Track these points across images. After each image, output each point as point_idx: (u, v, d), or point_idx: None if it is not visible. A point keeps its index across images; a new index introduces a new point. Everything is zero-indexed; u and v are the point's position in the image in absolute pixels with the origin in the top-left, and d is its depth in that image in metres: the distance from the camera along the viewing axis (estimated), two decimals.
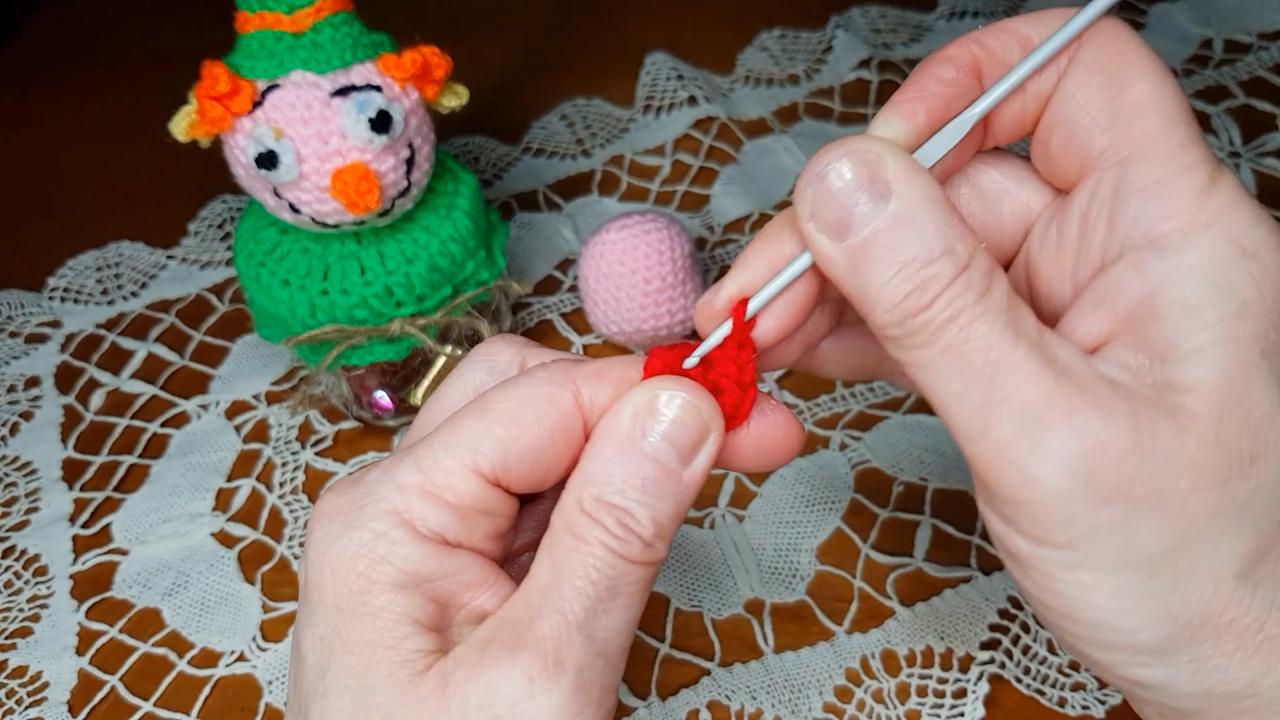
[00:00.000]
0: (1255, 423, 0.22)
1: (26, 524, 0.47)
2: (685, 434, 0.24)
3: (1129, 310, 0.23)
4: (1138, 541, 0.22)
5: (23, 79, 0.71)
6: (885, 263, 0.22)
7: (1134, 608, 0.22)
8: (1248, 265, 0.22)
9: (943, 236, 0.22)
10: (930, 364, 0.23)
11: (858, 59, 0.65)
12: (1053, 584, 0.23)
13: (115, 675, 0.42)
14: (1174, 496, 0.22)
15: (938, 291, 0.22)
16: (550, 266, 0.56)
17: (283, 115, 0.39)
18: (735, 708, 0.39)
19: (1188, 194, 0.22)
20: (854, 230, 0.23)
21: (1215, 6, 0.67)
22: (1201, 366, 0.22)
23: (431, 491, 0.24)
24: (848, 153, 0.23)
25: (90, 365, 0.53)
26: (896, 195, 0.22)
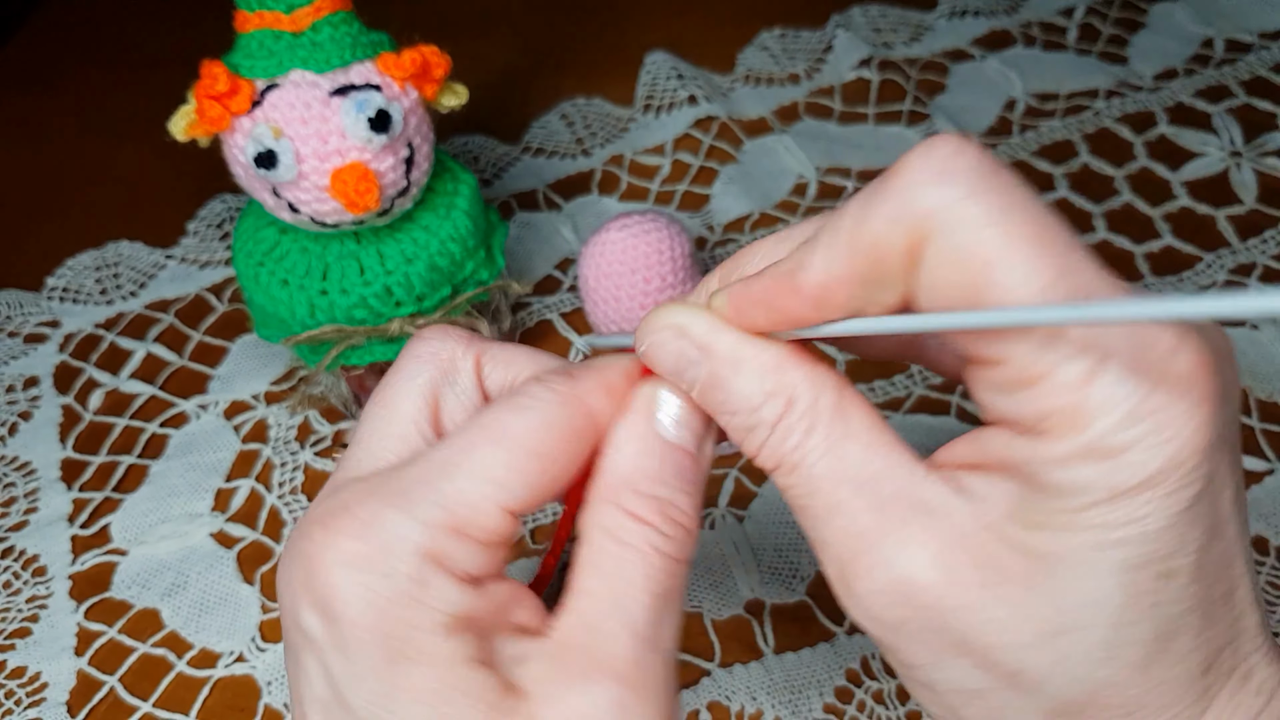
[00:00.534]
0: (1068, 604, 0.21)
1: (25, 524, 0.47)
2: (696, 416, 0.25)
3: (996, 463, 0.22)
4: (950, 678, 0.22)
5: (22, 79, 0.71)
6: (719, 413, 0.24)
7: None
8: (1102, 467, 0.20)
9: (759, 385, 0.23)
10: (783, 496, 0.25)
11: (858, 58, 0.65)
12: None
13: (114, 676, 0.42)
14: (976, 650, 0.22)
15: (762, 441, 0.24)
16: (550, 266, 0.56)
17: (282, 115, 0.39)
18: (735, 708, 0.39)
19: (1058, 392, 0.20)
20: (688, 386, 0.25)
21: (1216, 6, 0.67)
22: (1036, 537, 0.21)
23: (460, 530, 0.23)
24: (661, 324, 0.25)
25: (89, 365, 0.53)
26: (708, 355, 0.24)
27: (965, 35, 0.67)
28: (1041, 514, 0.21)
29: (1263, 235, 0.54)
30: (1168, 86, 0.62)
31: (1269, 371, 0.49)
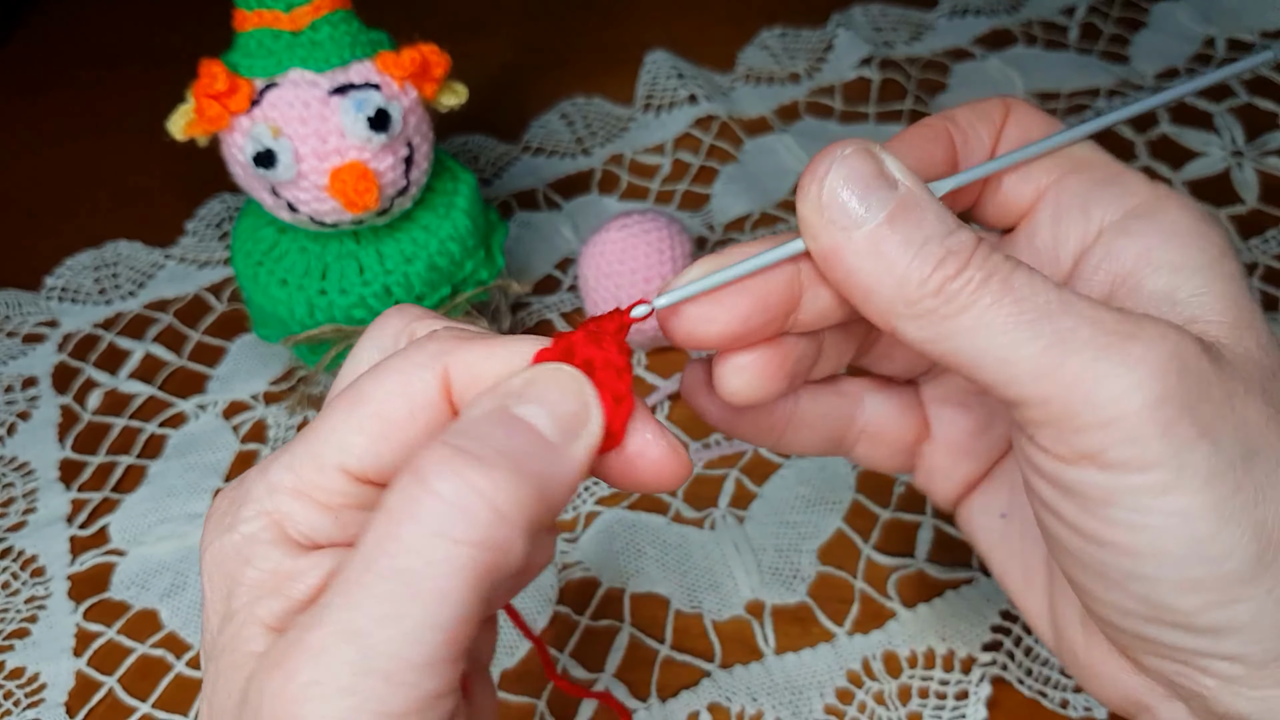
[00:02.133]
0: (1266, 341, 0.24)
1: (24, 525, 0.47)
2: (564, 403, 0.22)
3: (1126, 269, 0.25)
4: (1223, 449, 0.22)
5: (21, 79, 0.71)
6: (909, 240, 0.23)
7: (1224, 527, 0.22)
8: (1211, 223, 0.25)
9: (950, 218, 0.24)
10: (977, 325, 0.23)
11: (859, 57, 0.65)
12: (1140, 518, 0.22)
13: (113, 676, 0.42)
14: (1239, 401, 0.23)
15: (968, 256, 0.23)
16: (550, 266, 0.56)
17: (281, 114, 0.39)
18: (736, 709, 0.39)
19: (1139, 181, 0.26)
20: (871, 215, 0.23)
21: (1217, 5, 0.67)
22: (1207, 300, 0.24)
23: (302, 491, 0.23)
24: (851, 149, 0.24)
25: (88, 365, 0.53)
26: (902, 183, 0.23)
27: (966, 34, 0.67)
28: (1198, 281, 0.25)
29: (1265, 235, 0.54)
30: (1169, 86, 0.62)
31: None
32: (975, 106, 0.28)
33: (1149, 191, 0.26)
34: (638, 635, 0.41)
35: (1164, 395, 0.22)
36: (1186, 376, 0.22)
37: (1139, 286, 0.25)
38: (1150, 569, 0.23)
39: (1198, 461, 0.22)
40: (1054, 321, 0.22)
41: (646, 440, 0.24)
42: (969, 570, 0.42)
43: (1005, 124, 0.28)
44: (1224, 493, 0.22)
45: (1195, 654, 0.23)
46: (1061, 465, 0.23)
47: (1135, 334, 0.22)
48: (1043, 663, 0.39)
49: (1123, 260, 0.25)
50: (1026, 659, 0.39)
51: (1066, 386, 0.22)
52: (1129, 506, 0.22)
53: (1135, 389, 0.22)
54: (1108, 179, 0.26)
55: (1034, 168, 0.27)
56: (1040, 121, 0.28)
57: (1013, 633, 0.40)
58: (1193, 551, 0.22)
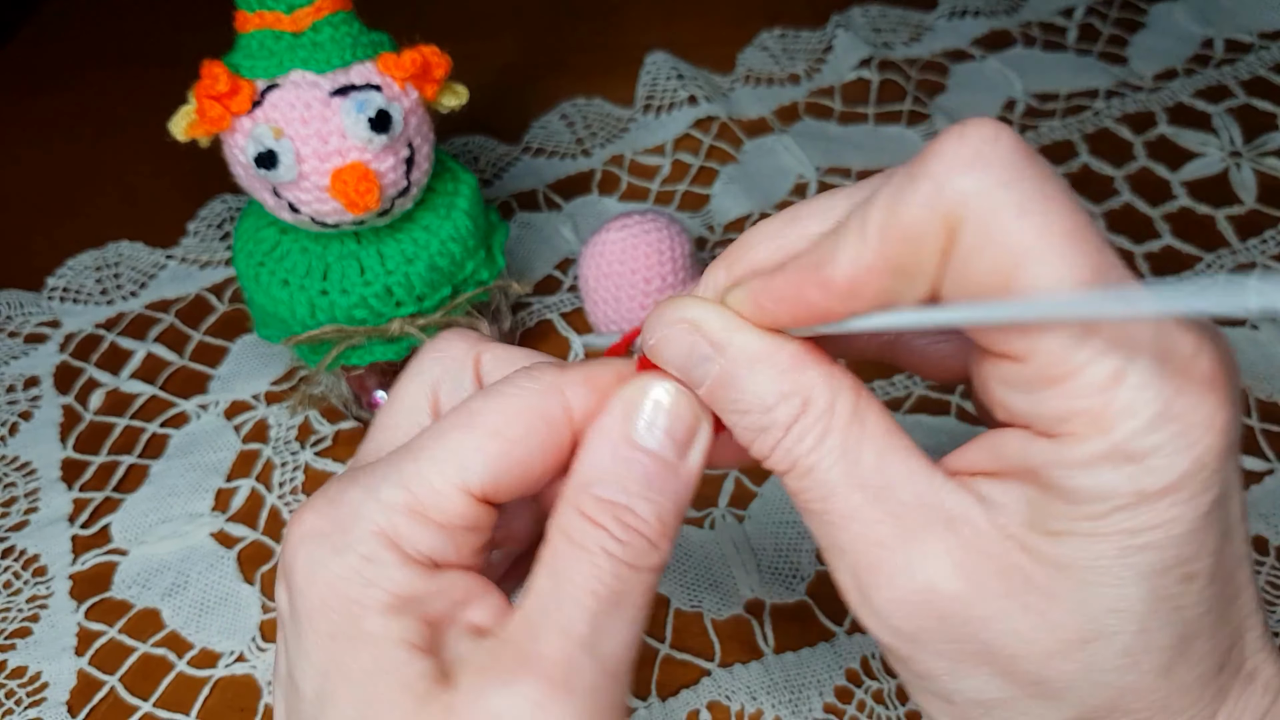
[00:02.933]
0: (1092, 612, 0.20)
1: (26, 524, 0.47)
2: (679, 424, 0.24)
3: (1013, 468, 0.22)
4: (967, 689, 0.22)
5: (22, 79, 0.71)
6: (728, 412, 0.24)
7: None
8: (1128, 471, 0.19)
9: (775, 385, 0.23)
10: (792, 499, 0.24)
11: (858, 58, 0.65)
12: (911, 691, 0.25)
13: (115, 676, 0.42)
14: (999, 660, 0.21)
15: (775, 442, 0.23)
16: (550, 266, 0.56)
17: (282, 115, 0.39)
18: (735, 708, 0.39)
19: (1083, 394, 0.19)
20: (697, 383, 0.24)
21: (1216, 5, 0.67)
22: (1057, 547, 0.20)
23: (419, 511, 0.23)
24: (674, 318, 0.24)
25: (89, 365, 0.53)
26: (721, 352, 0.23)
27: (965, 35, 0.67)
28: (1064, 521, 0.20)
29: (1262, 235, 0.54)
30: (1167, 86, 0.62)
31: (1269, 371, 0.49)
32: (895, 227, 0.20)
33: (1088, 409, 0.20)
34: None
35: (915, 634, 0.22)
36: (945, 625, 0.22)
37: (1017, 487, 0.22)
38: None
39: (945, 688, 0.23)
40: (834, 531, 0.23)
41: None
42: None
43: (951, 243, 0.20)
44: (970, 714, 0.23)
45: None
46: None
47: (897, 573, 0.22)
48: None
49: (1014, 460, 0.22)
50: None
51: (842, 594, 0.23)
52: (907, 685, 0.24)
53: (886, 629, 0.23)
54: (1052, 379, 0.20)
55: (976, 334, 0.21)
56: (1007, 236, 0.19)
57: None
58: None
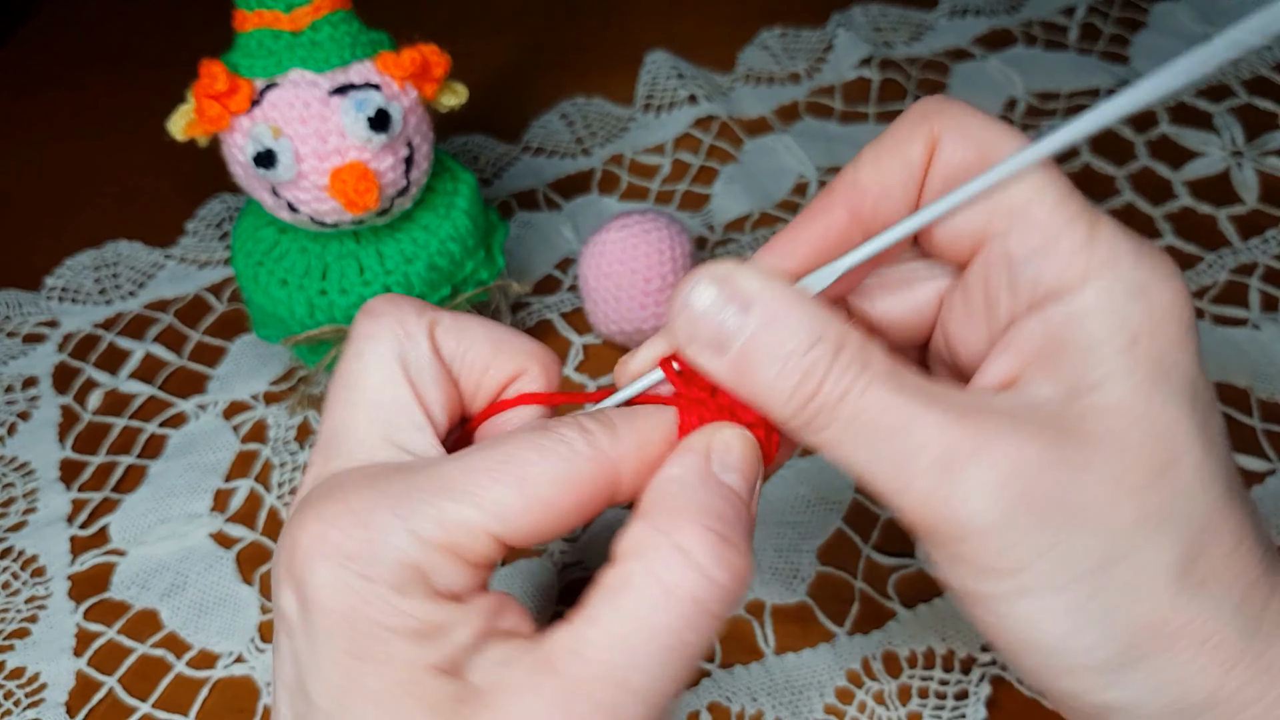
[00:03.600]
0: (1161, 434, 0.23)
1: (24, 524, 0.47)
2: (751, 468, 0.25)
3: (1036, 351, 0.24)
4: (1074, 558, 0.22)
5: (21, 79, 0.71)
6: (767, 362, 0.24)
7: (1084, 627, 0.23)
8: (1136, 301, 0.23)
9: (811, 327, 0.24)
10: (837, 441, 0.24)
11: (859, 57, 0.65)
12: (1004, 618, 0.24)
13: (113, 676, 0.42)
14: (1096, 510, 0.22)
15: (823, 374, 0.23)
16: (550, 266, 0.56)
17: (281, 114, 0.39)
18: (736, 709, 0.39)
19: (1072, 250, 0.24)
20: (731, 342, 0.24)
21: (1217, 5, 0.67)
22: (1104, 392, 0.23)
23: (452, 550, 0.23)
24: (705, 276, 0.24)
25: (88, 365, 0.53)
26: (758, 302, 0.24)
27: (966, 34, 0.67)
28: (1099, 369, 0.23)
29: (1264, 235, 0.54)
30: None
31: (1270, 372, 0.49)
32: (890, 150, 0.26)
33: (1078, 267, 0.24)
34: None
35: (1005, 516, 0.22)
36: (1030, 495, 0.22)
37: (1046, 370, 0.24)
38: (1026, 658, 0.24)
39: (1048, 571, 0.23)
40: (897, 445, 0.23)
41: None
42: None
43: (932, 155, 0.26)
44: (1080, 597, 0.23)
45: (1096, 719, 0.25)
46: (941, 564, 0.24)
47: (978, 453, 0.22)
48: None
49: (1033, 342, 0.24)
50: None
51: (916, 506, 0.23)
52: (995, 609, 0.24)
53: (978, 512, 0.22)
54: (1038, 248, 0.24)
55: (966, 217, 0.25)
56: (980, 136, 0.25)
57: None
58: (1057, 646, 0.23)
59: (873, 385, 0.23)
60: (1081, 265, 0.24)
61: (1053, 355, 0.24)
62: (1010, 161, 0.24)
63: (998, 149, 0.25)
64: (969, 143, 0.25)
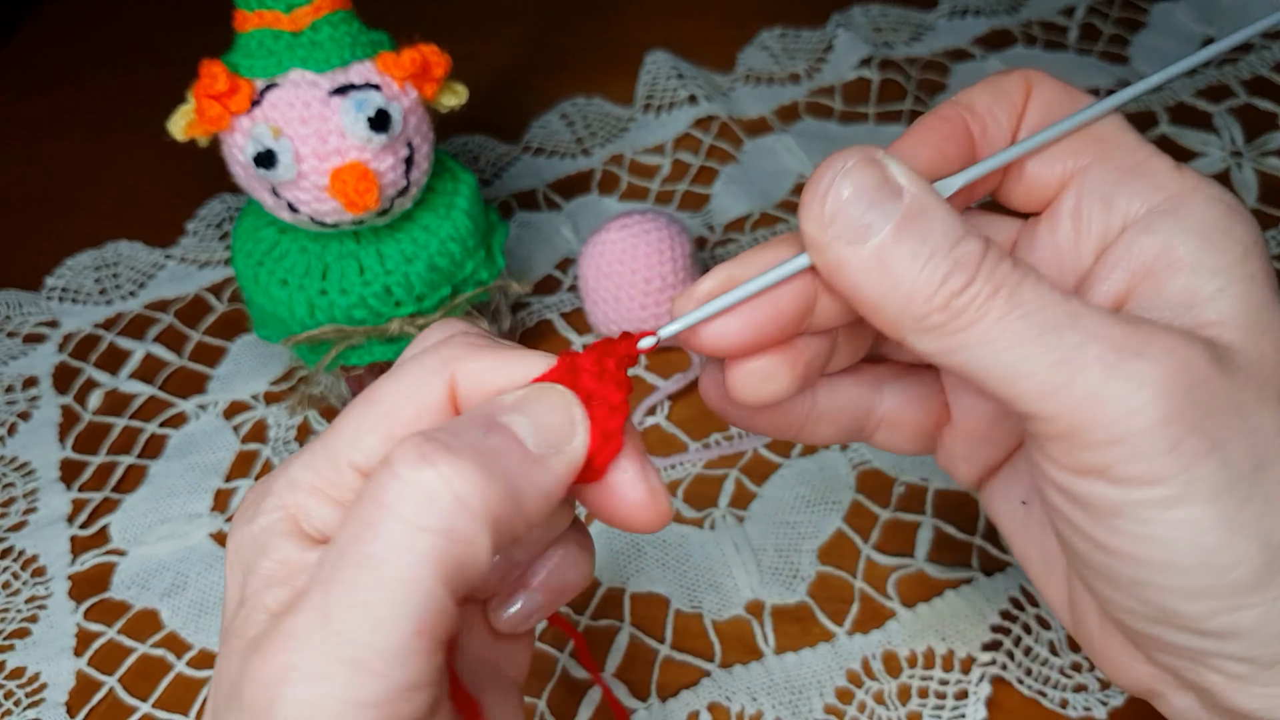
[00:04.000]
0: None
1: (24, 524, 0.47)
2: (549, 416, 0.22)
3: (1146, 267, 0.25)
4: (1232, 462, 0.22)
5: (22, 79, 0.71)
6: (915, 253, 0.23)
7: (1232, 539, 0.22)
8: (1238, 217, 0.24)
9: (959, 223, 0.23)
10: (984, 339, 0.23)
11: (859, 58, 0.65)
12: (1148, 530, 0.22)
13: (113, 676, 0.42)
14: (1249, 411, 0.22)
15: (976, 267, 0.23)
16: (550, 266, 0.56)
17: (281, 114, 0.39)
18: (736, 709, 0.39)
19: (1165, 171, 0.25)
20: (876, 228, 0.23)
21: (1217, 5, 0.67)
22: (1224, 303, 0.24)
23: (318, 487, 0.23)
24: (854, 159, 0.23)
25: (88, 365, 0.53)
26: (907, 191, 0.23)
27: (966, 35, 0.67)
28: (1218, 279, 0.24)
29: (1265, 235, 0.54)
30: (1168, 86, 0.62)
31: None
32: (994, 86, 0.27)
33: (1175, 184, 0.25)
34: (638, 635, 0.41)
35: (1171, 412, 0.22)
36: (1195, 392, 0.22)
37: (1158, 287, 0.24)
38: (1158, 578, 0.23)
39: (1206, 476, 0.22)
40: (1061, 337, 0.22)
41: (627, 480, 0.24)
42: (969, 570, 0.42)
43: (1027, 103, 0.27)
44: (1232, 505, 0.22)
45: (1203, 654, 0.24)
46: (1071, 477, 0.23)
47: (1142, 350, 0.22)
48: (1042, 662, 0.39)
49: (1142, 259, 0.25)
50: (1026, 659, 0.39)
51: (1074, 404, 0.22)
52: (1137, 519, 0.22)
53: (1143, 408, 0.22)
54: (1133, 168, 0.26)
55: (1058, 150, 0.26)
56: (1064, 96, 0.27)
57: (1012, 632, 0.40)
58: (1200, 562, 0.22)
59: (1025, 281, 0.23)
60: (1176, 184, 0.25)
61: (1165, 270, 0.24)
62: (1099, 104, 0.26)
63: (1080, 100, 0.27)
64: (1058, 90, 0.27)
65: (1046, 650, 0.39)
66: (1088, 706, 0.38)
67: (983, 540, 0.43)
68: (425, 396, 0.23)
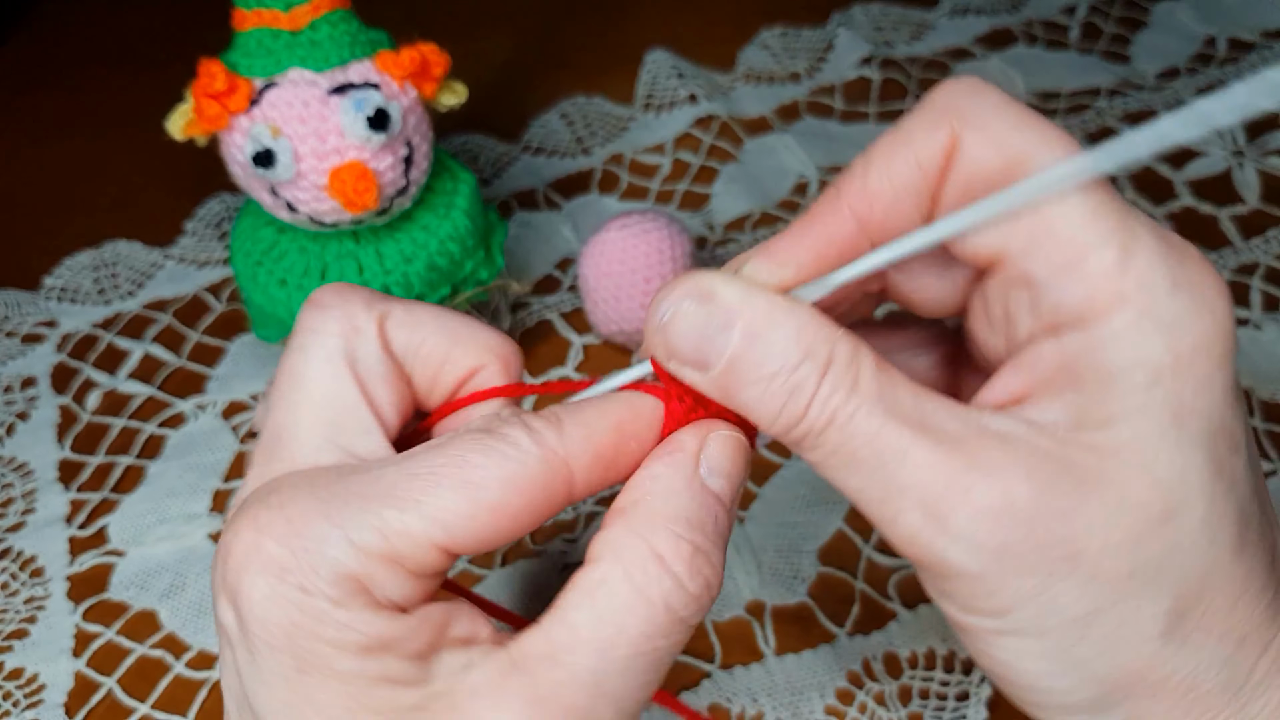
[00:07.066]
0: (1166, 483, 0.21)
1: (22, 525, 0.47)
2: (739, 472, 0.24)
3: (1047, 376, 0.22)
4: (1059, 606, 0.22)
5: (20, 78, 0.71)
6: (752, 382, 0.23)
7: (1063, 671, 0.22)
8: (1161, 335, 0.21)
9: (798, 342, 0.22)
10: (827, 465, 0.23)
11: (859, 57, 0.65)
12: (987, 649, 0.23)
13: (112, 677, 0.42)
14: (1087, 558, 0.21)
15: (809, 397, 0.22)
16: (550, 266, 0.56)
17: (280, 113, 0.39)
18: (736, 710, 0.39)
19: (1100, 274, 0.21)
20: (713, 360, 0.23)
21: (1219, 5, 0.67)
22: (1113, 431, 0.21)
23: (394, 560, 0.21)
24: (684, 292, 0.23)
25: (86, 365, 0.53)
26: (739, 317, 0.23)
27: (967, 34, 0.67)
28: (1111, 404, 0.21)
29: (1265, 235, 0.54)
30: (1170, 85, 0.62)
31: (1271, 372, 0.48)
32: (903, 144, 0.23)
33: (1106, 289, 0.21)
34: None
35: (984, 567, 0.22)
36: (1009, 546, 0.21)
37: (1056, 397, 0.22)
38: (1008, 690, 0.24)
39: (1034, 615, 0.22)
40: (887, 478, 0.22)
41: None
42: None
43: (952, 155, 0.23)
44: (1062, 643, 0.22)
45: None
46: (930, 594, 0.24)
47: (968, 494, 0.21)
48: None
49: (1045, 367, 0.22)
50: None
51: (906, 541, 0.22)
52: (979, 643, 0.23)
53: (961, 557, 0.22)
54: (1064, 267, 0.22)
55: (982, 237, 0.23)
56: (1007, 140, 0.22)
57: None
58: (1036, 685, 0.23)
59: (860, 410, 0.22)
60: (1109, 292, 0.21)
61: (1066, 383, 0.22)
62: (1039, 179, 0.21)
63: (1028, 157, 0.22)
64: (993, 147, 0.22)
65: None
66: None
67: None
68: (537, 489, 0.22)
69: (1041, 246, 0.22)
